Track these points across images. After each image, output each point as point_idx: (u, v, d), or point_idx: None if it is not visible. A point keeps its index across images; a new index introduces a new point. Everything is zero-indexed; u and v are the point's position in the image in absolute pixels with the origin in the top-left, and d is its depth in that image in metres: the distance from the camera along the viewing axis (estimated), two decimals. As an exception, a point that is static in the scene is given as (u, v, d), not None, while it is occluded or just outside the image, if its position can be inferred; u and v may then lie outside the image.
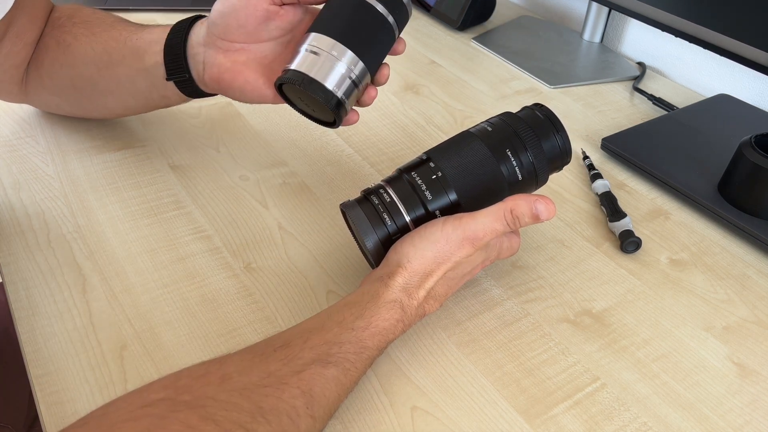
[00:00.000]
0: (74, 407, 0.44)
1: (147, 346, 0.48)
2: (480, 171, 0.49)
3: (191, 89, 0.60)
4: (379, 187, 0.50)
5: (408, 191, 0.49)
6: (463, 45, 0.97)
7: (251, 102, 0.58)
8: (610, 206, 0.63)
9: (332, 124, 0.54)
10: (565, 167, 0.55)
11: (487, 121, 0.53)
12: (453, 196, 0.49)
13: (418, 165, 0.50)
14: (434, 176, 0.49)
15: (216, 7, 0.55)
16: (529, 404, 0.46)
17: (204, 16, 0.58)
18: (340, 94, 0.50)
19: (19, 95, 0.67)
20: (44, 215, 0.59)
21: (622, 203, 0.66)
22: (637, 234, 0.60)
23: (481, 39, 0.98)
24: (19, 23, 0.61)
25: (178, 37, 0.57)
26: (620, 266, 0.58)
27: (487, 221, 0.46)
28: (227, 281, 0.54)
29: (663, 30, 0.77)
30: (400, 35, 0.55)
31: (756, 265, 0.60)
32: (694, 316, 0.54)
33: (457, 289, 0.51)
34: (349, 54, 0.50)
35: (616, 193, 0.67)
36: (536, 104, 0.54)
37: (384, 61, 0.54)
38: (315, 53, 0.49)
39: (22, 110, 0.73)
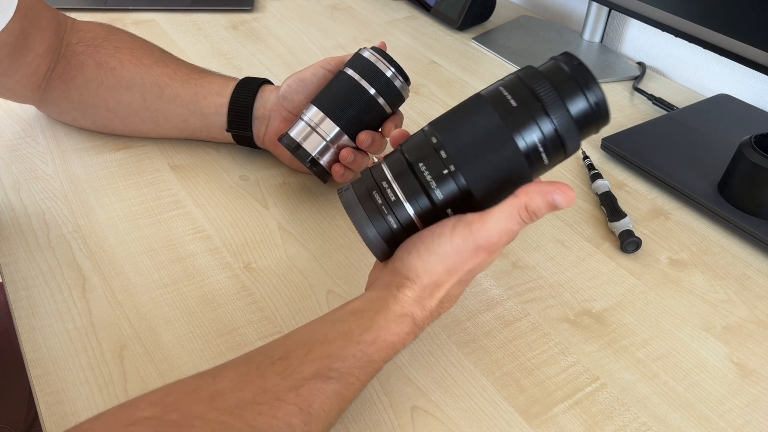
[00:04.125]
0: (74, 407, 0.44)
1: (147, 346, 0.48)
2: (492, 149, 0.41)
3: (245, 141, 0.66)
4: (382, 177, 0.44)
5: (414, 186, 0.42)
6: (463, 45, 0.97)
7: (301, 170, 0.66)
8: (610, 206, 0.63)
9: (322, 179, 0.62)
10: (566, 165, 0.52)
11: (502, 80, 0.44)
12: (463, 184, 0.42)
13: (426, 151, 0.43)
14: (445, 171, 0.42)
15: (288, 82, 0.62)
16: (528, 404, 0.46)
17: (269, 82, 0.66)
18: (320, 158, 0.60)
19: (33, 100, 0.68)
20: (44, 215, 0.59)
21: (622, 203, 0.66)
22: (637, 234, 0.60)
23: (481, 39, 0.98)
24: (27, 35, 0.61)
25: (246, 98, 0.64)
26: (620, 266, 0.58)
27: (500, 224, 0.41)
28: (227, 281, 0.54)
29: (663, 30, 0.77)
30: (398, 113, 0.63)
31: (756, 265, 0.60)
32: (694, 316, 0.54)
33: None
34: (336, 129, 0.59)
35: (616, 193, 0.67)
36: (565, 54, 0.43)
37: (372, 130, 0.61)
38: (308, 124, 0.60)
39: (22, 110, 0.73)
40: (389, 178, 0.43)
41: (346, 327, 0.40)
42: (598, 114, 0.42)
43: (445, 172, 0.42)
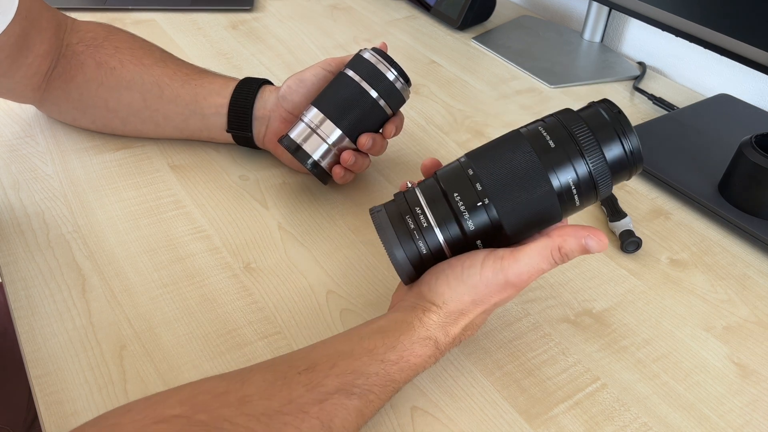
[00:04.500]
0: (74, 407, 0.44)
1: (147, 346, 0.48)
2: (527, 186, 0.42)
3: (245, 142, 0.66)
4: (415, 203, 0.45)
5: (447, 213, 0.44)
6: (463, 45, 0.97)
7: (301, 171, 0.65)
8: (611, 206, 0.63)
9: (322, 180, 0.62)
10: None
11: (542, 120, 0.45)
12: (495, 217, 0.43)
13: (462, 182, 0.44)
14: (479, 203, 0.43)
15: (288, 83, 0.62)
16: (529, 404, 0.46)
17: (269, 82, 0.66)
18: (321, 161, 0.60)
19: (33, 100, 0.68)
20: (44, 215, 0.59)
21: (622, 203, 0.66)
22: (637, 234, 0.60)
23: (481, 39, 0.98)
24: (28, 36, 0.61)
25: (246, 99, 0.63)
26: (620, 266, 0.58)
27: (532, 262, 0.41)
28: (227, 281, 0.54)
29: (663, 30, 0.77)
30: (398, 114, 0.62)
31: (756, 265, 0.60)
32: (694, 316, 0.54)
33: None
34: (337, 131, 0.59)
35: (616, 193, 0.67)
36: (604, 100, 0.45)
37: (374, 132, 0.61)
38: (308, 125, 0.59)
39: (22, 110, 0.73)
40: (423, 204, 0.44)
41: (371, 344, 0.41)
42: (632, 162, 0.43)
43: (479, 204, 0.43)
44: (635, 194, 0.68)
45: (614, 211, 0.63)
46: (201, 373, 0.47)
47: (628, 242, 0.59)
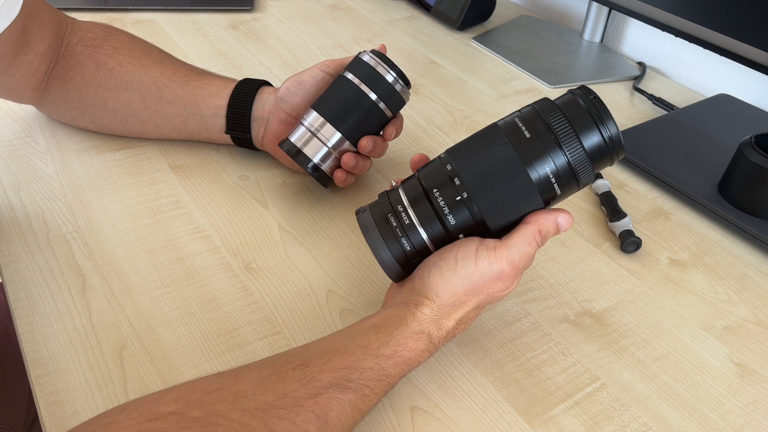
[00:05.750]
0: (74, 407, 0.44)
1: (147, 346, 0.48)
2: (505, 179, 0.43)
3: (244, 143, 0.66)
4: (398, 201, 0.45)
5: (429, 212, 0.44)
6: (463, 45, 0.97)
7: (301, 171, 0.65)
8: (610, 206, 0.63)
9: (323, 184, 0.62)
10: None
11: (518, 111, 0.45)
12: (476, 211, 0.43)
13: (441, 178, 0.44)
14: (459, 197, 0.43)
15: (287, 84, 0.62)
16: (529, 404, 0.46)
17: (268, 83, 0.66)
18: (322, 164, 0.60)
19: (33, 100, 0.68)
20: (44, 215, 0.59)
21: (622, 203, 0.66)
22: (637, 234, 0.60)
23: (481, 39, 0.98)
24: (29, 33, 0.61)
25: (245, 100, 0.63)
26: (620, 266, 0.58)
27: (522, 248, 0.43)
28: (227, 281, 0.54)
29: (663, 30, 0.77)
30: (398, 116, 0.62)
31: (756, 265, 0.60)
32: (694, 316, 0.54)
33: None
34: (337, 135, 0.59)
35: (616, 193, 0.67)
36: (581, 87, 0.45)
37: (373, 135, 0.61)
38: (308, 129, 0.59)
39: (22, 110, 0.73)
40: (405, 204, 0.45)
41: (365, 340, 0.41)
42: (612, 148, 0.43)
43: (458, 198, 0.43)
44: (635, 194, 0.68)
45: (614, 211, 0.63)
46: (201, 373, 0.47)
47: (628, 242, 0.59)
